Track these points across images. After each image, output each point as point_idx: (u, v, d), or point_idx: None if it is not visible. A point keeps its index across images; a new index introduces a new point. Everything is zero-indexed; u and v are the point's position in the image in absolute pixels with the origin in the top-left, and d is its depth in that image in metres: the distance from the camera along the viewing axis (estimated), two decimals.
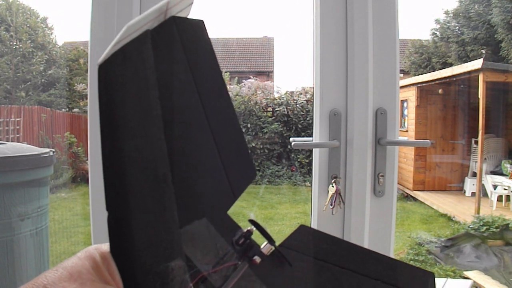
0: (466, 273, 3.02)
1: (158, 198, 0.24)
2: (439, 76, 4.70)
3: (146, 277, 0.23)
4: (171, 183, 0.25)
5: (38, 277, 0.22)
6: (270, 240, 0.28)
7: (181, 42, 0.28)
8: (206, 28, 0.30)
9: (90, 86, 0.97)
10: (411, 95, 5.20)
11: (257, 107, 4.42)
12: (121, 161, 0.22)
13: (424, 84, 5.01)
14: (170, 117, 0.24)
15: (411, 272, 0.29)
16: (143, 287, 0.23)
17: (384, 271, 0.29)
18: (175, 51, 0.28)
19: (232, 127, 0.30)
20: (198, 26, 0.30)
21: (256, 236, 0.30)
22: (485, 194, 4.53)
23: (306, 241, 0.30)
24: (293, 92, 4.65)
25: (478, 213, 4.11)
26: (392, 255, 1.07)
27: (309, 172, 4.16)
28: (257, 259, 0.27)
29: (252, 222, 0.29)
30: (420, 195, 4.91)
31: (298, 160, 4.39)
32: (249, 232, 0.29)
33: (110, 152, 0.23)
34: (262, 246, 0.28)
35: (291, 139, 1.08)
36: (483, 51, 4.99)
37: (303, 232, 0.30)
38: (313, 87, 1.09)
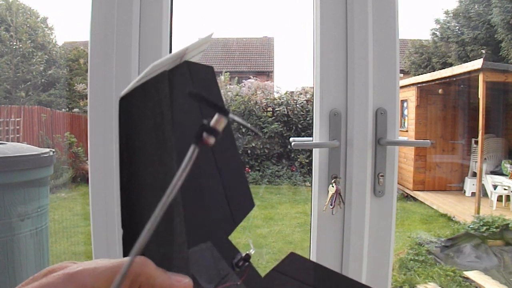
0: (466, 273, 3.02)
1: (170, 221, 0.26)
2: (439, 76, 4.70)
3: None
4: (181, 208, 0.27)
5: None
6: (222, 111, 0.23)
7: (192, 83, 0.32)
8: (214, 73, 0.34)
9: (90, 86, 0.97)
10: (411, 95, 5.20)
11: (257, 107, 4.42)
12: (137, 185, 0.24)
13: (424, 84, 5.01)
14: (182, 149, 0.26)
15: None
16: None
17: None
18: (187, 90, 0.31)
19: (234, 160, 0.34)
20: (207, 71, 0.33)
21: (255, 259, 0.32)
22: (485, 194, 4.53)
23: (295, 267, 0.33)
24: (293, 92, 4.65)
25: (478, 213, 4.11)
26: (392, 255, 1.07)
27: (309, 172, 4.16)
28: (211, 139, 0.22)
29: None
30: (420, 195, 4.91)
31: (298, 160, 4.39)
32: (248, 256, 0.32)
33: (128, 176, 0.25)
34: (212, 119, 0.23)
35: (291, 139, 1.08)
36: (483, 51, 4.99)
37: (293, 259, 0.33)
38: (313, 87, 1.09)
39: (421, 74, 5.35)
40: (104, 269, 0.24)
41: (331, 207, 1.00)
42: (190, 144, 0.22)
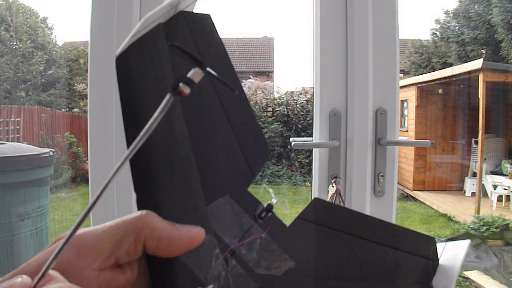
0: (466, 273, 3.02)
1: (184, 177, 0.25)
2: (439, 76, 4.70)
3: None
4: (194, 163, 0.26)
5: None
6: (199, 64, 0.23)
7: (190, 34, 0.30)
8: (213, 21, 0.32)
9: (90, 86, 0.97)
10: (411, 95, 5.20)
11: (257, 107, 4.42)
12: (145, 144, 0.22)
13: (424, 84, 5.01)
14: (187, 102, 0.25)
15: (416, 238, 0.32)
16: (176, 263, 0.24)
17: (392, 238, 0.31)
18: (186, 43, 0.30)
19: (244, 109, 0.32)
20: (206, 20, 0.31)
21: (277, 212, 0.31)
22: (485, 194, 4.54)
23: (320, 212, 0.32)
24: (293, 92, 4.66)
25: (478, 213, 4.11)
26: None
27: (309, 172, 4.16)
28: (186, 89, 0.23)
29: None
30: (420, 195, 4.91)
31: (298, 160, 4.39)
32: (270, 206, 0.31)
33: (134, 137, 0.23)
34: (190, 71, 0.23)
35: (291, 139, 1.08)
36: (483, 51, 4.99)
37: (317, 204, 0.32)
38: (313, 87, 1.09)
39: (421, 74, 5.35)
40: (106, 229, 0.23)
41: None
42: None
